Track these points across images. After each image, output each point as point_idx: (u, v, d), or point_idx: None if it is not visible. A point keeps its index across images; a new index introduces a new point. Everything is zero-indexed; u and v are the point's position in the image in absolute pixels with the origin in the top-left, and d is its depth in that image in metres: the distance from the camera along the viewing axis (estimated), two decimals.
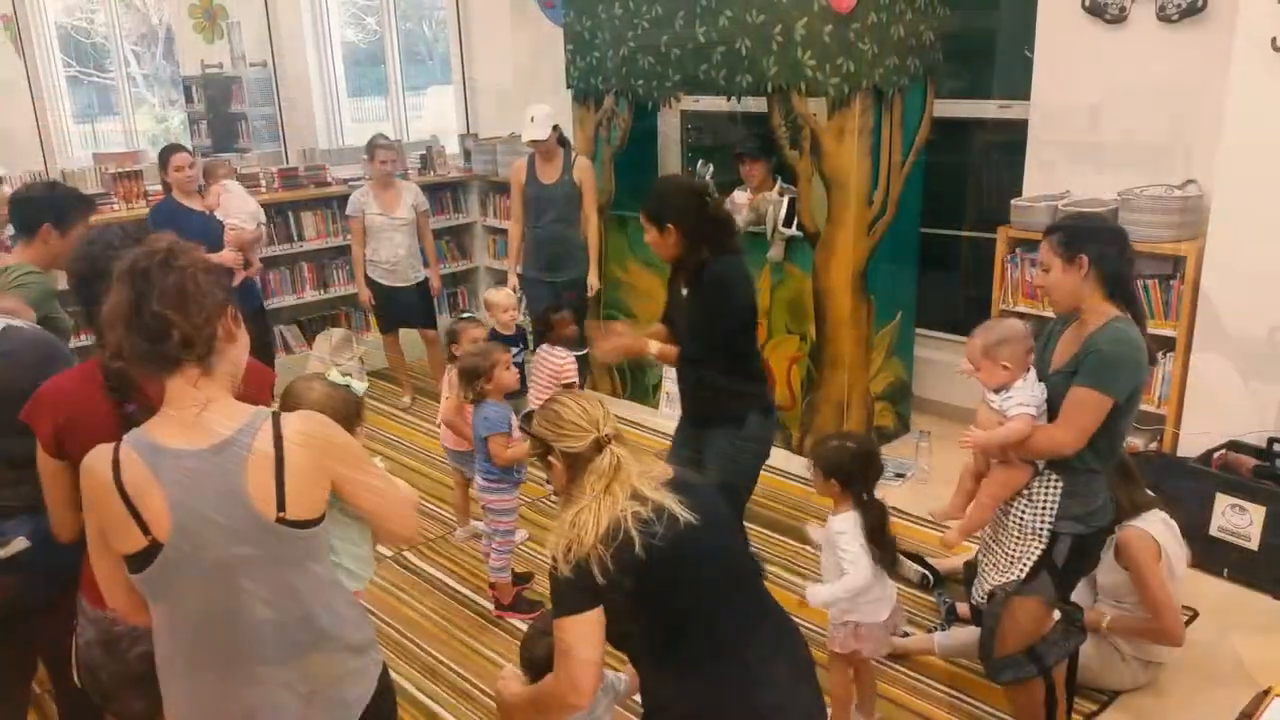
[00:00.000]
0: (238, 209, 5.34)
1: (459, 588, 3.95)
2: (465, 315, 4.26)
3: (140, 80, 12.36)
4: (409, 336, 6.03)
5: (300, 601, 1.74)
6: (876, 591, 2.85)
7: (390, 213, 5.61)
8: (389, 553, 4.19)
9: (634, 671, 2.18)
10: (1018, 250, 4.56)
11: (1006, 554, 2.66)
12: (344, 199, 6.30)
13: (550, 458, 2.06)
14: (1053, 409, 2.55)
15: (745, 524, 4.29)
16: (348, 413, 2.07)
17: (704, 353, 3.23)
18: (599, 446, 2.01)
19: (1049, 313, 4.45)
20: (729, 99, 4.82)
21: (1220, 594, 3.71)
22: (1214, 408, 4.06)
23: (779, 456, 4.98)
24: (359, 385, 2.22)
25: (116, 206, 5.61)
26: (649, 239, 3.21)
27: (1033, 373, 2.60)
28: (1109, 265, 2.51)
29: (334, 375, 2.24)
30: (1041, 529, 2.59)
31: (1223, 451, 3.95)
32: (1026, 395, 2.55)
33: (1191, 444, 4.07)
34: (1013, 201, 4.59)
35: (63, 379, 2.12)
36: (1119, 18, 4.32)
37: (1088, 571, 2.81)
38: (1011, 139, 4.91)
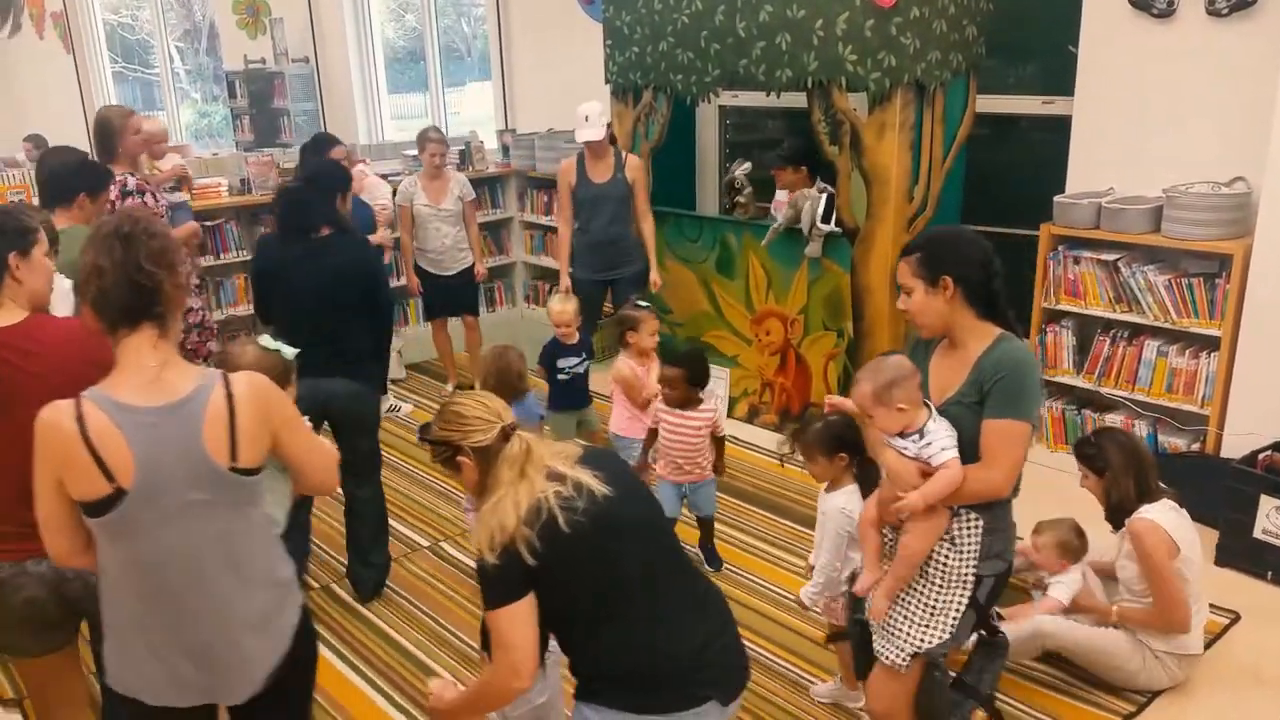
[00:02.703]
0: (376, 191, 5.61)
1: None
2: (641, 304, 4.23)
3: (183, 75, 12.56)
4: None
5: (242, 540, 1.97)
6: None
7: (436, 204, 5.66)
8: (425, 543, 4.24)
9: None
10: (1060, 248, 4.51)
11: (924, 604, 2.40)
12: None
13: (459, 458, 2.07)
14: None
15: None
16: (278, 374, 2.23)
17: None
18: (505, 436, 2.04)
19: (1094, 311, 4.43)
20: (768, 94, 4.80)
21: (1264, 597, 3.66)
22: (1260, 408, 3.99)
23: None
24: (289, 350, 2.47)
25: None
26: None
27: (932, 407, 2.36)
28: (975, 285, 2.31)
29: (265, 340, 2.48)
30: (967, 575, 2.37)
31: (1268, 453, 3.88)
32: (945, 436, 2.29)
33: (1236, 445, 4.01)
34: (1056, 198, 4.54)
35: None
36: (1166, 12, 4.26)
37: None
38: (1055, 135, 4.85)
